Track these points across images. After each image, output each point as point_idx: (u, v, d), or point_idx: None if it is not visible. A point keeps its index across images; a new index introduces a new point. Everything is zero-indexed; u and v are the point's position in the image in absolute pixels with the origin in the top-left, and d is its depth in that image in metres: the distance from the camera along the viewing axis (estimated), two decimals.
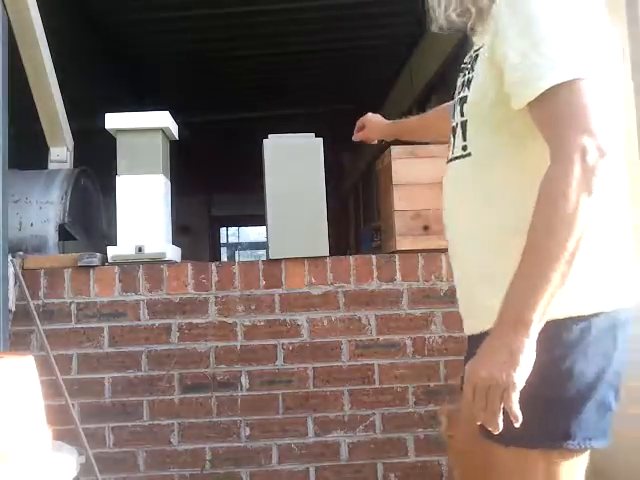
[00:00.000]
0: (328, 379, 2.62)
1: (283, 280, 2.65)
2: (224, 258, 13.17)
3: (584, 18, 1.10)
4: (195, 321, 2.62)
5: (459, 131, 1.25)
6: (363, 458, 2.61)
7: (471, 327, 1.30)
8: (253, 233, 15.09)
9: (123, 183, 2.65)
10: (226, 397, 2.60)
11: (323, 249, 2.67)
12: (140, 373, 2.59)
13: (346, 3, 5.24)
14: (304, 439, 2.61)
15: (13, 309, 2.51)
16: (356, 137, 2.11)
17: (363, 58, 6.38)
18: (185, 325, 2.62)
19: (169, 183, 2.78)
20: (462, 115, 1.24)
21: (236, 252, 14.71)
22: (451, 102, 1.38)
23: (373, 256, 2.71)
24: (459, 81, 1.28)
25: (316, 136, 2.67)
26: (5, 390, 1.74)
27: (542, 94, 1.06)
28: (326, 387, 2.62)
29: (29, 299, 2.52)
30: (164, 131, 2.73)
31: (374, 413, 2.62)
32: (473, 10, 1.21)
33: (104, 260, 2.63)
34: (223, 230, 14.27)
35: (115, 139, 2.68)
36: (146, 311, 2.61)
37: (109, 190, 2.81)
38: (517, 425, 1.06)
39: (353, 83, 6.86)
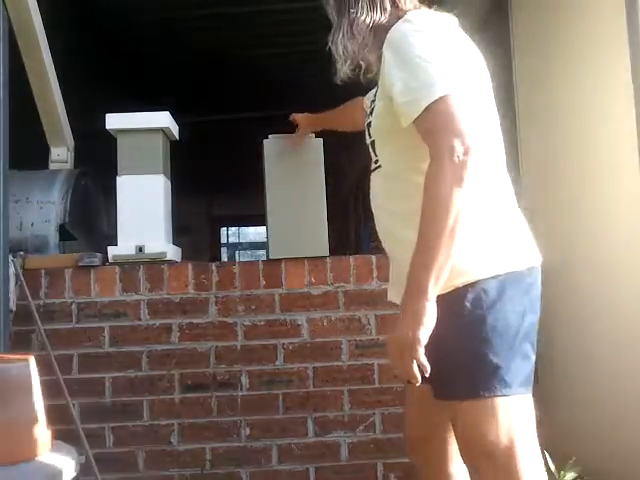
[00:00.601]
0: (328, 379, 2.63)
1: (283, 280, 2.66)
2: (224, 258, 13.15)
3: (448, 49, 1.41)
4: (195, 321, 2.63)
5: (371, 149, 1.57)
6: (363, 458, 2.61)
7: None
8: (253, 233, 15.06)
9: (123, 183, 2.65)
10: (226, 397, 2.61)
11: (323, 249, 2.67)
12: (140, 373, 2.59)
13: None
14: (304, 439, 2.61)
15: (14, 309, 2.51)
16: (292, 141, 2.56)
17: None
18: (185, 325, 2.62)
19: (169, 183, 2.78)
20: (370, 137, 1.57)
21: (236, 252, 14.69)
22: (364, 97, 1.80)
23: (373, 256, 2.71)
24: (368, 111, 1.61)
25: (316, 136, 2.67)
26: (6, 390, 1.74)
27: (423, 111, 1.35)
28: (326, 387, 2.63)
29: (30, 299, 2.52)
30: (164, 131, 2.73)
31: (374, 413, 2.62)
32: (363, 64, 1.58)
33: (105, 260, 2.64)
34: (223, 230, 14.25)
35: (116, 139, 2.68)
36: (146, 311, 2.62)
37: (109, 190, 2.82)
38: (427, 374, 1.33)
39: (352, 82, 6.85)
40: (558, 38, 2.90)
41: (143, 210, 2.64)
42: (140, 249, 2.62)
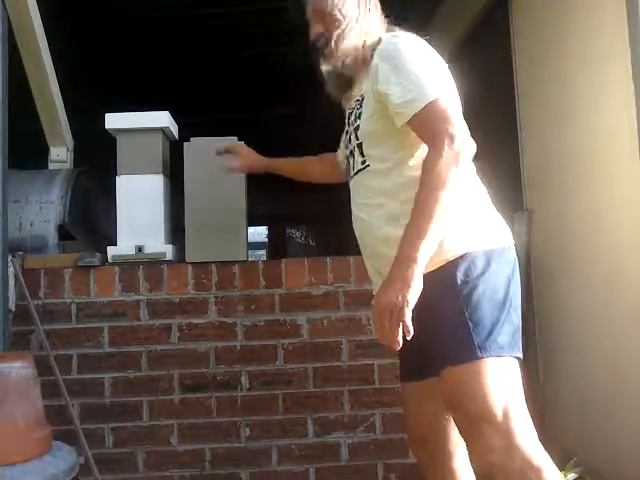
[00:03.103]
0: (328, 379, 2.62)
1: (283, 280, 2.65)
2: None
3: (433, 61, 1.62)
4: (195, 321, 2.62)
5: (357, 151, 1.69)
6: (363, 459, 2.60)
7: None
8: (253, 233, 15.08)
9: (123, 183, 2.65)
10: (226, 397, 2.60)
11: (241, 253, 2.66)
12: (140, 373, 2.59)
13: None
14: (304, 439, 2.60)
15: (13, 309, 2.50)
16: (228, 167, 2.32)
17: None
18: (185, 325, 2.62)
19: (169, 183, 2.78)
20: (357, 139, 1.68)
21: None
22: (335, 153, 2.01)
23: None
24: (350, 118, 1.74)
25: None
26: (5, 390, 1.74)
27: (420, 109, 1.52)
28: (326, 387, 2.62)
29: (29, 299, 2.51)
30: (164, 131, 2.73)
31: (374, 413, 2.62)
32: (351, 77, 1.75)
33: (104, 260, 2.63)
34: None
35: (115, 139, 2.68)
36: (146, 311, 2.61)
37: (109, 190, 2.81)
38: (409, 337, 1.44)
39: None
40: (558, 38, 2.89)
41: (143, 210, 2.64)
42: (140, 249, 2.62)
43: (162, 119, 2.70)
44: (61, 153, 3.35)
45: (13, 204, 2.85)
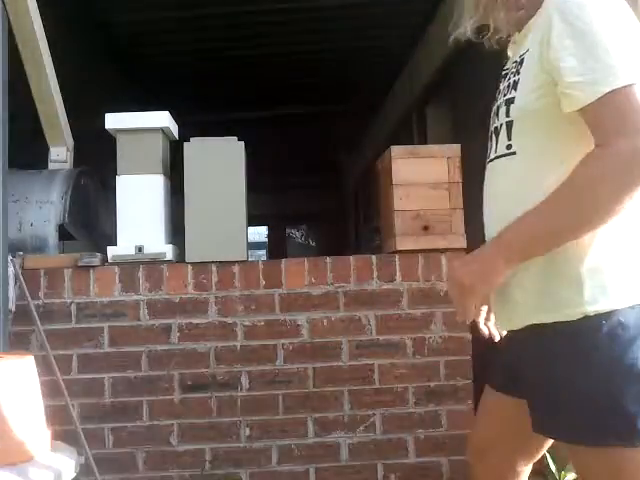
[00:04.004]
0: (328, 379, 2.62)
1: (283, 280, 2.65)
2: None
3: (629, 28, 1.16)
4: (195, 321, 2.62)
5: (503, 131, 1.29)
6: (363, 459, 2.60)
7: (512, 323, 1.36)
8: (253, 233, 15.08)
9: (123, 183, 2.65)
10: (226, 397, 2.60)
11: (241, 253, 2.66)
12: (140, 373, 2.59)
13: (345, 4, 5.25)
14: (304, 440, 2.60)
15: (13, 309, 2.50)
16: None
17: (362, 58, 6.39)
18: (185, 325, 2.62)
19: (169, 183, 2.78)
20: (508, 115, 1.28)
21: None
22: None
23: (373, 256, 2.71)
24: (503, 84, 1.34)
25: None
26: (5, 390, 1.74)
27: (601, 97, 1.11)
28: (326, 387, 2.62)
29: (29, 299, 2.51)
30: (164, 131, 2.73)
31: (374, 413, 2.62)
32: (491, 24, 1.37)
33: (104, 260, 2.63)
34: None
35: (115, 139, 2.68)
36: (146, 311, 2.61)
37: (109, 190, 2.81)
38: (468, 322, 1.31)
39: (352, 83, 6.87)
40: None
41: (143, 210, 2.64)
42: (139, 249, 2.62)
43: (162, 119, 2.70)
44: (61, 153, 3.34)
45: (13, 204, 2.85)
